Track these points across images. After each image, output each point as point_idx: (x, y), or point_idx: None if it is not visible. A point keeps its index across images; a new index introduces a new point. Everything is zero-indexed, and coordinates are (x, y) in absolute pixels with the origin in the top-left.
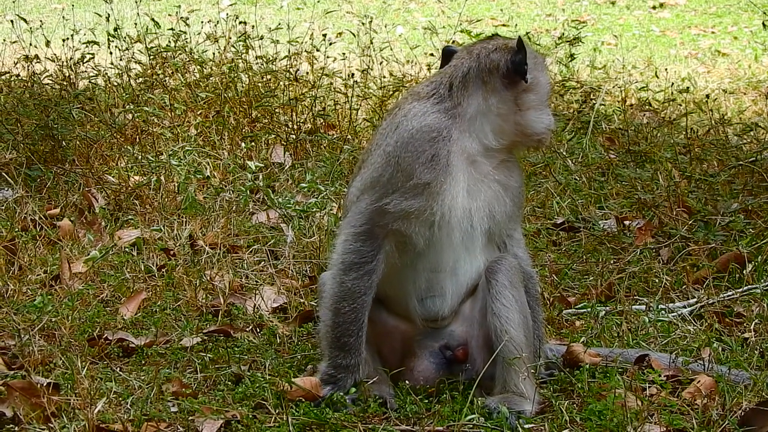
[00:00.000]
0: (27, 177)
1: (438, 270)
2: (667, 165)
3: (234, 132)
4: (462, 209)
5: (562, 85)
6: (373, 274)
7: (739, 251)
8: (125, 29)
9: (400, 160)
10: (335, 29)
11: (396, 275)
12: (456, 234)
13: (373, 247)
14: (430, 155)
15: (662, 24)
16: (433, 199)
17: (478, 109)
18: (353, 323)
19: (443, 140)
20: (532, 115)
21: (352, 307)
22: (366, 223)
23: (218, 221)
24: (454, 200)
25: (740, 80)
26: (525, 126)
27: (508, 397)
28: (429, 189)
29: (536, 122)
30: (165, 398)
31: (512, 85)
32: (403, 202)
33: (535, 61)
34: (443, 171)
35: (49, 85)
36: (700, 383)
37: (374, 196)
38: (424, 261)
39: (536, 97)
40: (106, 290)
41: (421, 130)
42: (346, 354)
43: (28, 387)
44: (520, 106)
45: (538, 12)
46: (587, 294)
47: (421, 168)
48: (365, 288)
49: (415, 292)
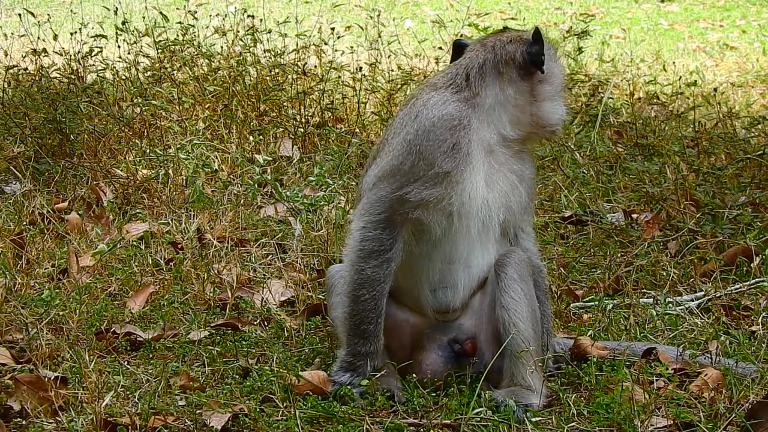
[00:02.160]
0: (35, 170)
1: (452, 261)
2: (675, 158)
3: (242, 125)
4: (481, 199)
5: (570, 78)
6: (392, 261)
7: (747, 244)
8: (133, 23)
9: (422, 148)
10: (343, 23)
11: (410, 265)
12: (474, 224)
13: (392, 235)
14: (451, 144)
15: (670, 17)
16: (453, 189)
17: (495, 100)
18: (372, 311)
19: (464, 129)
20: (548, 106)
21: (372, 295)
22: (385, 212)
23: (226, 215)
24: (474, 190)
25: (748, 73)
26: (540, 117)
27: (515, 390)
28: (450, 178)
29: (551, 113)
30: (173, 392)
31: (528, 76)
32: (423, 191)
33: (549, 52)
34: (464, 160)
35: (57, 79)
36: (707, 376)
37: (394, 184)
38: (439, 251)
39: (551, 87)
40: (113, 284)
41: (442, 119)
42: (365, 341)
43: (35, 381)
44: (535, 97)
45: (547, 5)
46: (595, 287)
47: (442, 156)
48: (384, 275)
49: (428, 282)
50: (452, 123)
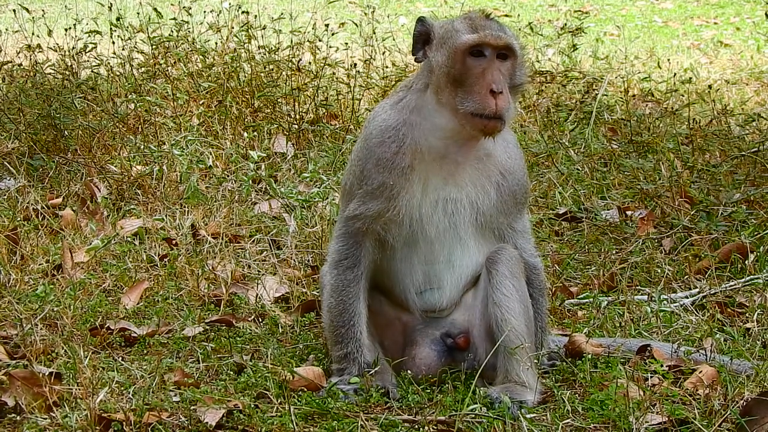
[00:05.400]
0: (29, 166)
1: (432, 262)
2: (670, 155)
3: (236, 122)
4: (429, 204)
5: (564, 75)
6: (356, 268)
7: (741, 241)
8: (128, 19)
9: (361, 163)
10: (338, 19)
11: (392, 268)
12: (430, 229)
13: (354, 246)
14: (384, 156)
15: (665, 15)
16: (393, 200)
17: (423, 102)
18: (343, 314)
19: (397, 139)
20: (451, 97)
21: (339, 300)
22: (345, 226)
23: (220, 211)
24: (413, 197)
25: (742, 71)
26: (451, 109)
27: (510, 386)
28: (386, 190)
29: (457, 103)
30: (167, 388)
31: (429, 71)
32: (364, 206)
33: (436, 39)
34: (399, 170)
35: (52, 75)
36: (702, 373)
37: (345, 202)
38: (418, 254)
39: (436, 77)
40: (108, 280)
41: (374, 132)
42: (342, 345)
43: (30, 376)
44: (439, 88)
45: (541, 2)
46: (589, 284)
47: (376, 170)
48: (349, 281)
49: (413, 285)
50: (386, 135)
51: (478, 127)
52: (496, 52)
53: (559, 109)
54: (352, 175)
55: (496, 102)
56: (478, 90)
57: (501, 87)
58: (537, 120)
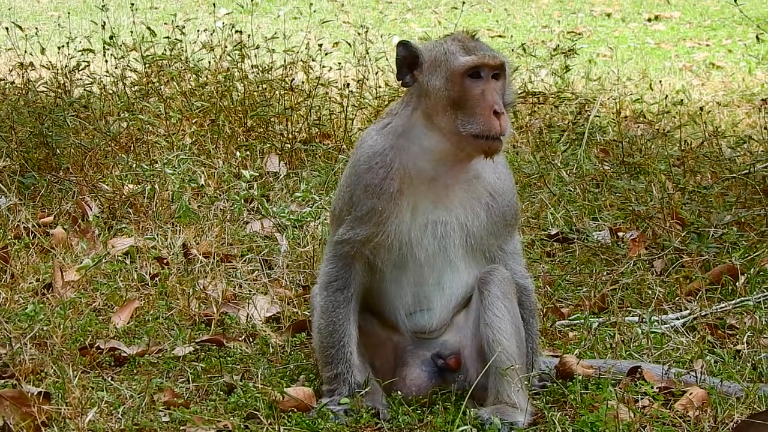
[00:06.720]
0: (20, 184)
1: (422, 284)
2: (661, 177)
3: (229, 141)
4: (419, 228)
5: (557, 96)
6: (346, 290)
7: (732, 263)
8: (121, 37)
9: (349, 189)
10: (331, 39)
11: (383, 290)
12: (419, 253)
13: (344, 269)
14: (372, 182)
15: (657, 36)
16: (382, 225)
17: (410, 125)
18: (333, 335)
19: (383, 164)
20: (450, 120)
21: (329, 321)
22: (334, 250)
23: (212, 230)
24: (402, 222)
25: (734, 93)
26: (449, 131)
27: (500, 408)
28: (375, 215)
29: (458, 126)
30: (157, 408)
31: (421, 95)
32: (352, 231)
33: (426, 64)
34: (387, 195)
35: (44, 93)
36: (692, 395)
37: (333, 227)
38: (408, 276)
39: (431, 101)
40: (98, 299)
41: (362, 158)
42: (332, 366)
43: (18, 396)
44: (430, 112)
45: (534, 23)
46: (580, 305)
47: (365, 195)
48: (339, 302)
49: (403, 306)
50: (373, 160)
51: (482, 148)
52: (491, 72)
53: (551, 130)
54: (341, 201)
55: (499, 122)
56: (480, 111)
57: (502, 107)
58: (529, 141)
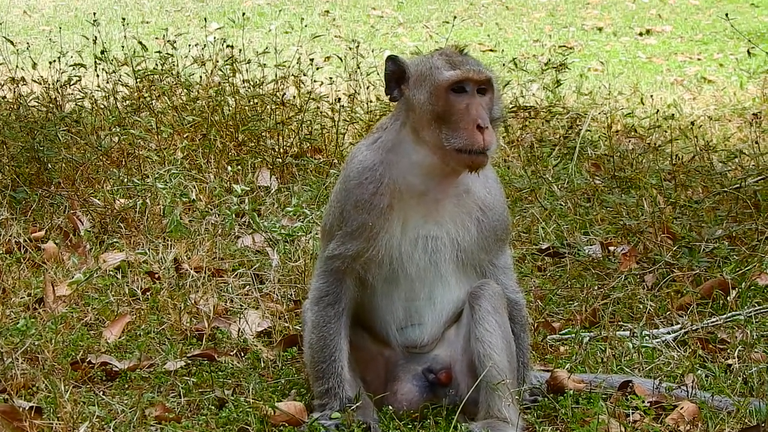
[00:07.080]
0: (12, 199)
1: (413, 299)
2: (652, 191)
3: (220, 155)
4: (409, 243)
5: (548, 110)
6: (337, 305)
7: (723, 278)
8: (112, 52)
9: (340, 205)
10: (323, 53)
11: (374, 305)
12: (410, 267)
13: (335, 284)
14: (362, 197)
15: (648, 51)
16: (372, 240)
17: (400, 140)
18: (324, 349)
19: (373, 179)
20: (435, 134)
21: (320, 336)
22: (325, 265)
23: (203, 245)
24: (392, 237)
25: (725, 107)
26: (434, 146)
27: (491, 422)
28: (365, 230)
29: (443, 140)
30: (148, 422)
31: (408, 109)
32: (340, 247)
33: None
34: (377, 210)
35: (36, 108)
36: (683, 409)
37: (324, 242)
38: (399, 291)
39: (417, 116)
40: (90, 313)
41: (352, 174)
42: (324, 380)
43: (10, 411)
44: (417, 127)
45: (526, 37)
46: (572, 319)
47: (355, 211)
48: (330, 317)
49: (394, 321)
50: (364, 176)
51: (465, 162)
52: (476, 87)
53: (542, 145)
54: (331, 216)
55: (483, 137)
56: (464, 126)
57: (487, 122)
58: (520, 155)
